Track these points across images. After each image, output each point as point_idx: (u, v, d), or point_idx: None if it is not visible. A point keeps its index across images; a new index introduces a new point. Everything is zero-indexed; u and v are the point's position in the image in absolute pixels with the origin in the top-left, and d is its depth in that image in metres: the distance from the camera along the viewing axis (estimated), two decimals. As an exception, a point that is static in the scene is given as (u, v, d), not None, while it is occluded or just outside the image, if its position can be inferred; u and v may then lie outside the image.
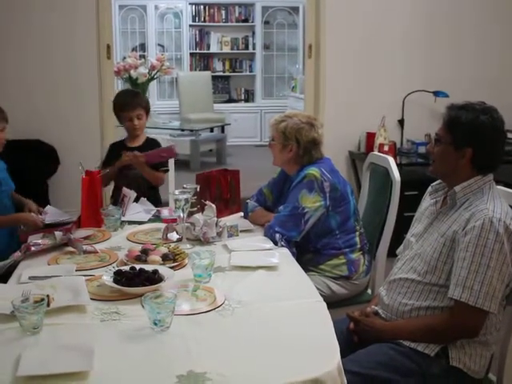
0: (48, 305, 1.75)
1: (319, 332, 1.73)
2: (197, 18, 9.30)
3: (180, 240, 2.51)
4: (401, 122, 4.85)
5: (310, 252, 2.67)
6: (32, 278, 2.08)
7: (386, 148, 4.47)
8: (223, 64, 9.59)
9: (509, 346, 1.95)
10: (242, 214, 2.92)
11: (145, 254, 2.25)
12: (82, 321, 1.78)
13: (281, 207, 2.65)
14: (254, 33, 9.43)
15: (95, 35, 4.34)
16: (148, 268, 2.06)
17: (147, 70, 6.19)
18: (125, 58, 6.82)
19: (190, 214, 2.56)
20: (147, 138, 3.45)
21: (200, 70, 9.46)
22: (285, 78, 9.57)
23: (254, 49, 9.46)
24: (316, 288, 2.10)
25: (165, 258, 2.23)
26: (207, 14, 9.32)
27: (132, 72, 6.09)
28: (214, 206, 2.62)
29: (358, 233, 2.72)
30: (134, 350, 1.61)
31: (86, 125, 4.42)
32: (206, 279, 2.07)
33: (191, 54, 9.38)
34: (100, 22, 4.33)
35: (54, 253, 2.40)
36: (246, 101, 9.65)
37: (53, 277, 2.05)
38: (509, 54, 4.96)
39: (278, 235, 2.52)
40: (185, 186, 2.66)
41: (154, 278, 1.98)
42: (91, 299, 1.89)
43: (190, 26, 9.26)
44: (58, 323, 1.75)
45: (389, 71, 4.80)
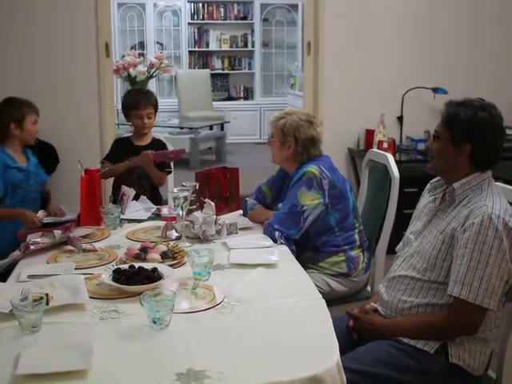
0: (47, 303, 1.75)
1: (318, 329, 1.74)
2: (195, 16, 9.30)
3: (179, 238, 2.51)
4: (400, 119, 4.85)
5: (309, 249, 2.67)
6: (31, 276, 2.08)
7: (385, 145, 4.47)
8: (222, 62, 9.59)
9: (508, 342, 1.95)
10: (241, 211, 2.91)
11: (144, 252, 2.25)
12: (81, 319, 1.78)
13: (280, 205, 2.65)
14: (252, 30, 9.43)
15: (94, 33, 4.32)
16: (147, 266, 2.06)
17: (146, 68, 6.18)
18: (124, 56, 6.82)
19: (189, 211, 2.56)
20: (153, 137, 3.44)
21: (199, 68, 9.46)
22: (284, 75, 9.57)
23: (252, 46, 9.46)
24: (315, 285, 2.11)
25: (164, 256, 2.23)
26: (206, 11, 9.32)
27: (131, 70, 6.08)
28: (213, 203, 2.62)
29: (357, 230, 2.72)
30: (133, 348, 1.61)
31: (86, 123, 4.41)
32: (205, 277, 2.07)
33: (190, 52, 9.38)
34: (99, 20, 4.31)
35: (53, 251, 2.40)
36: (245, 98, 9.66)
37: (52, 275, 2.05)
38: (507, 50, 4.95)
39: (277, 233, 2.52)
40: (184, 184, 2.66)
41: (153, 276, 1.99)
42: (90, 297, 1.89)
43: (189, 23, 9.27)
44: (57, 322, 1.75)
45: (388, 68, 4.79)
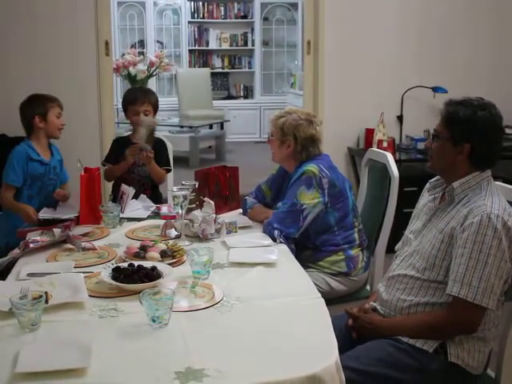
0: (46, 302, 1.75)
1: (318, 328, 1.74)
2: (196, 15, 9.30)
3: (179, 237, 2.51)
4: (400, 118, 4.85)
5: (308, 248, 2.67)
6: (30, 274, 2.08)
7: (385, 144, 4.47)
8: (222, 60, 9.59)
9: (507, 341, 1.95)
10: (240, 210, 2.91)
11: (143, 250, 2.26)
12: (81, 317, 1.78)
13: (279, 204, 2.65)
14: (252, 29, 9.42)
15: (94, 32, 4.32)
16: (146, 265, 2.06)
17: (146, 67, 6.19)
18: (124, 54, 6.83)
19: (189, 210, 2.56)
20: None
21: (199, 67, 9.46)
22: (284, 74, 9.56)
23: (252, 45, 9.45)
24: (315, 284, 2.11)
25: (163, 254, 2.23)
26: (206, 10, 9.32)
27: (131, 69, 6.09)
28: (212, 202, 2.62)
29: (356, 229, 2.72)
30: (132, 347, 1.61)
31: (85, 122, 4.41)
32: (204, 276, 2.07)
33: (190, 51, 9.38)
34: (98, 18, 4.31)
35: (52, 250, 2.40)
36: (245, 97, 9.65)
37: (51, 274, 2.05)
38: (505, 49, 4.95)
39: (276, 232, 2.52)
40: (183, 182, 2.66)
41: (153, 275, 1.99)
42: (90, 296, 1.89)
43: (189, 22, 9.26)
44: (57, 320, 1.75)
45: (387, 67, 4.79)
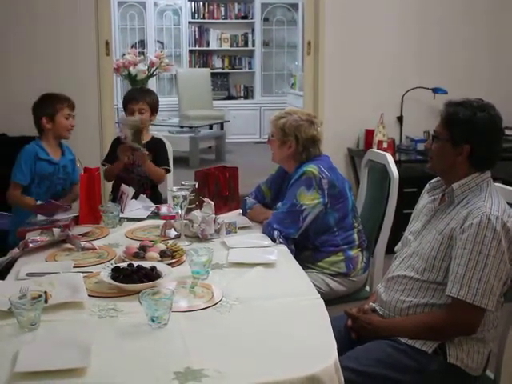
0: (46, 301, 1.75)
1: (317, 329, 1.73)
2: (196, 15, 9.30)
3: (178, 237, 2.51)
4: (400, 119, 4.85)
5: (308, 249, 2.67)
6: (30, 274, 2.08)
7: (385, 145, 4.47)
8: (222, 61, 9.59)
9: (506, 342, 1.95)
10: (240, 211, 2.91)
11: (143, 250, 2.26)
12: (80, 317, 1.78)
13: (279, 204, 2.64)
14: (253, 30, 9.42)
15: (94, 31, 4.32)
16: (146, 265, 2.06)
17: (146, 67, 6.18)
18: (124, 54, 6.82)
19: (189, 210, 2.56)
20: (153, 136, 3.43)
21: (199, 67, 9.46)
22: (284, 74, 9.57)
23: (253, 46, 9.46)
24: (314, 285, 2.11)
25: (163, 254, 2.23)
26: (206, 10, 9.32)
27: (131, 69, 6.08)
28: (212, 202, 2.62)
29: (356, 230, 2.72)
30: (132, 347, 1.61)
31: (85, 122, 4.39)
32: (203, 276, 2.07)
33: (190, 51, 9.38)
34: (99, 18, 4.31)
35: (52, 249, 2.40)
36: (246, 98, 9.66)
37: (51, 273, 2.04)
38: (507, 51, 4.95)
39: (276, 232, 2.52)
40: (183, 182, 2.66)
41: (152, 275, 1.99)
42: (89, 296, 1.89)
43: (190, 22, 9.27)
44: (56, 320, 1.75)
45: (388, 68, 4.80)
